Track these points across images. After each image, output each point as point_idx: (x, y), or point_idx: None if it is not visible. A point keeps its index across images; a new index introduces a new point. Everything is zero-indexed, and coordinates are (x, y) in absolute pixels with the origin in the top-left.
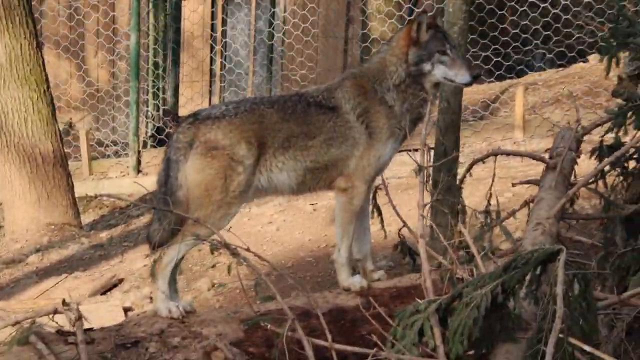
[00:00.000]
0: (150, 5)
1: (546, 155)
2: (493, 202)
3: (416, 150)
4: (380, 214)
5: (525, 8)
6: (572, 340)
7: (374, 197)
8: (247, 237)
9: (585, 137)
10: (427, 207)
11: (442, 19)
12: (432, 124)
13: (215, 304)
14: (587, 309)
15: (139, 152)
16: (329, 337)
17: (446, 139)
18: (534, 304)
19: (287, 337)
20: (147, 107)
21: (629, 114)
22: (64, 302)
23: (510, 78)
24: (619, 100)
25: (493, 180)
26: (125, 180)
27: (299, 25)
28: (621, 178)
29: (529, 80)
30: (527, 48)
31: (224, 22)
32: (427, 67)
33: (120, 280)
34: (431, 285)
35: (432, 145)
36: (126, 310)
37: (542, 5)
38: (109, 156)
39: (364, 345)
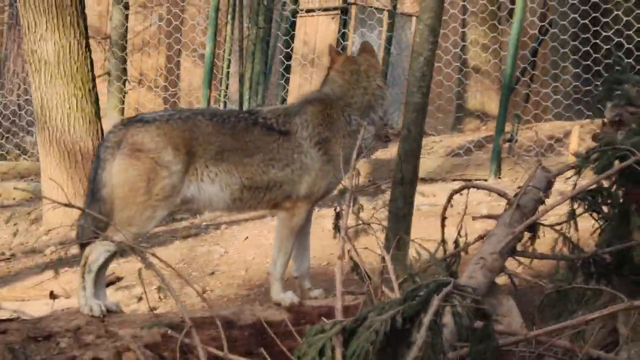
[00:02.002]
0: (229, 17)
1: None
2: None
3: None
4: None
5: None
6: None
7: (336, 219)
8: (257, 249)
9: None
10: (349, 230)
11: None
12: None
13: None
14: (487, 344)
15: None
16: (225, 346)
17: (405, 166)
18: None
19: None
20: None
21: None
22: (50, 294)
23: None
24: None
25: (464, 213)
26: None
27: None
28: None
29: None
30: None
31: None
32: None
33: (119, 279)
34: (341, 307)
35: None
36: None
37: None
38: None
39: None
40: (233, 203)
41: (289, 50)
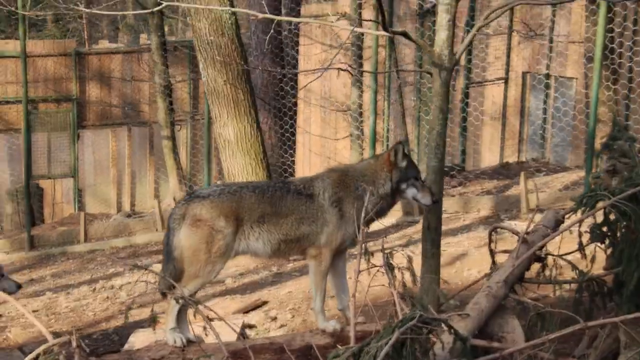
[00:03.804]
0: (385, 91)
1: None
2: None
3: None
4: (392, 272)
5: None
6: None
7: (388, 259)
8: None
9: None
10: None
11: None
12: None
13: None
14: None
15: None
16: None
17: (430, 217)
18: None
19: None
20: None
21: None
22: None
23: None
24: None
25: (496, 250)
26: None
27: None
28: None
29: None
30: None
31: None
32: (403, 186)
33: (265, 303)
34: (354, 335)
35: None
36: (245, 327)
37: None
38: None
39: None
40: (273, 253)
41: (464, 114)
